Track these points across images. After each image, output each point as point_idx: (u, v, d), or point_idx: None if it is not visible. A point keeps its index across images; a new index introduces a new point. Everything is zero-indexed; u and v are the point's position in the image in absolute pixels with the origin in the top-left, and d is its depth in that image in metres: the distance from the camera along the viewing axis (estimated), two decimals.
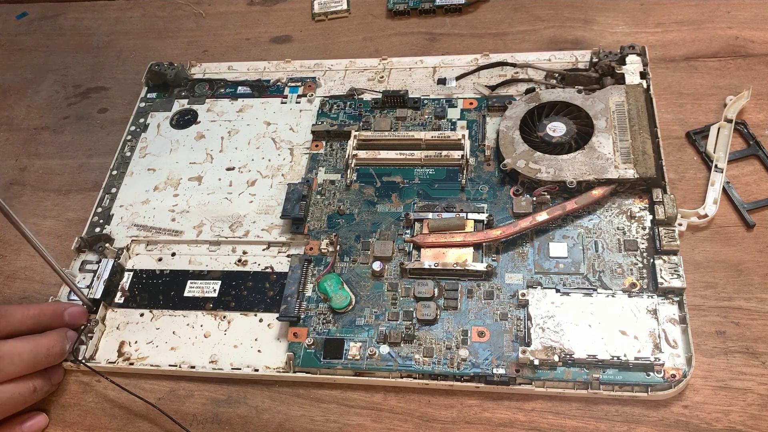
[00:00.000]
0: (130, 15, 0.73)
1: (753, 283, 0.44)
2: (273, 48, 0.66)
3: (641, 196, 0.47)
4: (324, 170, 0.53)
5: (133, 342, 0.48)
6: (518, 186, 0.49)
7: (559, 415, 0.41)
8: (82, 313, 0.47)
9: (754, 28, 0.57)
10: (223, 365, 0.45)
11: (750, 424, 0.39)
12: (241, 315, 0.48)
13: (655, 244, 0.45)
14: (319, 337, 0.45)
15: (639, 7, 0.61)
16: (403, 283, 0.46)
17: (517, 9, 0.64)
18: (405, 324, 0.45)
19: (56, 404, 0.46)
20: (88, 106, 0.65)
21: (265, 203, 0.53)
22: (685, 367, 0.40)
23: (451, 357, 0.43)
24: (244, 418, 0.44)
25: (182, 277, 0.50)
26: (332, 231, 0.50)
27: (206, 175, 0.56)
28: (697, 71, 0.56)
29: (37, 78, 0.69)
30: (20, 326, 0.44)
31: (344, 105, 0.57)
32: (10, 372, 0.42)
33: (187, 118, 0.60)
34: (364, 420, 0.43)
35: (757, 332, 0.42)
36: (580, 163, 0.48)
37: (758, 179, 0.49)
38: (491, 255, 0.47)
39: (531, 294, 0.44)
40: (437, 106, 0.56)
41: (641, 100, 0.50)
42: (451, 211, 0.49)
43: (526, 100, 0.52)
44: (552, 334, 0.42)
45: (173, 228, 0.53)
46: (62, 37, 0.73)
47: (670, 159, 0.50)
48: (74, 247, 0.52)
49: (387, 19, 0.66)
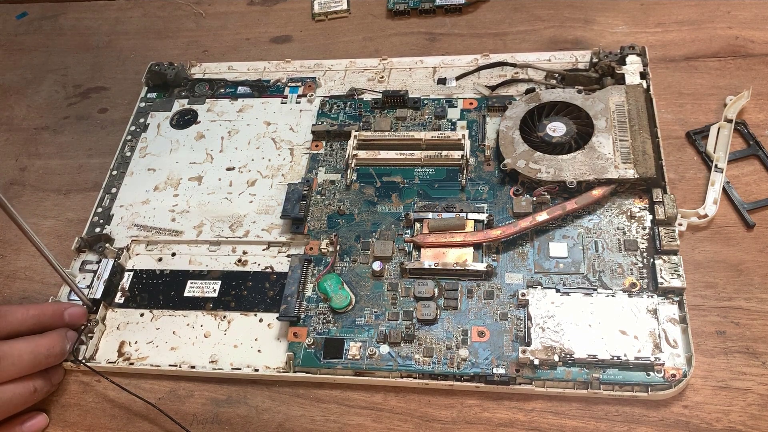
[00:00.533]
0: (130, 15, 0.73)
1: (753, 283, 0.44)
2: (273, 48, 0.66)
3: (641, 196, 0.47)
4: (324, 170, 0.53)
5: (133, 342, 0.48)
6: (518, 186, 0.49)
7: (559, 415, 0.41)
8: (82, 313, 0.47)
9: (754, 28, 0.57)
10: (223, 365, 0.45)
11: (750, 424, 0.39)
12: (241, 315, 0.48)
13: (655, 244, 0.45)
14: (319, 337, 0.45)
15: (639, 7, 0.61)
16: (403, 283, 0.46)
17: (517, 9, 0.64)
18: (405, 324, 0.45)
19: (56, 404, 0.46)
20: (88, 106, 0.65)
21: (265, 203, 0.53)
22: (685, 367, 0.40)
23: (451, 357, 0.43)
24: (244, 418, 0.44)
25: (182, 277, 0.50)
26: (332, 231, 0.50)
27: (206, 175, 0.56)
28: (697, 71, 0.56)
29: (37, 78, 0.69)
30: (20, 326, 0.44)
31: (344, 105, 0.57)
32: (10, 372, 0.42)
33: (187, 118, 0.60)
34: (364, 420, 0.43)
35: (757, 332, 0.42)
36: (580, 163, 0.48)
37: (758, 179, 0.49)
38: (491, 255, 0.47)
39: (531, 294, 0.44)
40: (437, 106, 0.56)
41: (641, 100, 0.50)
42: (451, 211, 0.49)
43: (526, 100, 0.52)
44: (552, 333, 0.42)
45: (173, 228, 0.53)
46: (62, 37, 0.73)
47: (670, 159, 0.50)
48: (74, 247, 0.52)
49: (387, 19, 0.66)
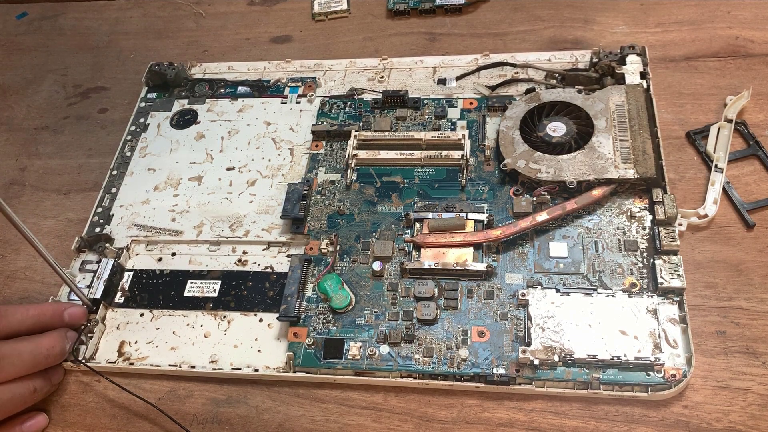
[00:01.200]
0: (130, 15, 0.73)
1: (753, 283, 0.44)
2: (273, 48, 0.66)
3: (641, 196, 0.47)
4: (324, 170, 0.53)
5: (133, 342, 0.48)
6: (518, 186, 0.49)
7: (559, 415, 0.41)
8: (82, 313, 0.47)
9: (754, 28, 0.57)
10: (223, 365, 0.45)
11: (750, 424, 0.39)
12: (241, 315, 0.48)
13: (655, 244, 0.45)
14: (319, 337, 0.45)
15: (639, 7, 0.61)
16: (403, 283, 0.46)
17: (517, 9, 0.64)
18: (405, 324, 0.45)
19: (56, 404, 0.46)
20: (88, 106, 0.65)
21: (265, 203, 0.53)
22: (685, 367, 0.40)
23: (451, 357, 0.43)
24: (244, 418, 0.44)
25: (182, 277, 0.50)
26: (332, 231, 0.50)
27: (206, 175, 0.56)
28: (697, 71, 0.56)
29: (37, 78, 0.69)
30: (20, 326, 0.44)
31: (344, 105, 0.57)
32: (9, 373, 0.42)
33: (187, 118, 0.60)
34: (364, 420, 0.43)
35: (757, 332, 0.42)
36: (580, 163, 0.48)
37: (758, 179, 0.49)
38: (491, 255, 0.47)
39: (531, 294, 0.44)
40: (437, 106, 0.56)
41: (641, 100, 0.50)
42: (451, 211, 0.49)
43: (526, 100, 0.52)
44: (552, 334, 0.42)
45: (173, 228, 0.53)
46: (62, 37, 0.73)
47: (670, 159, 0.50)
48: (74, 247, 0.52)
49: (387, 19, 0.66)
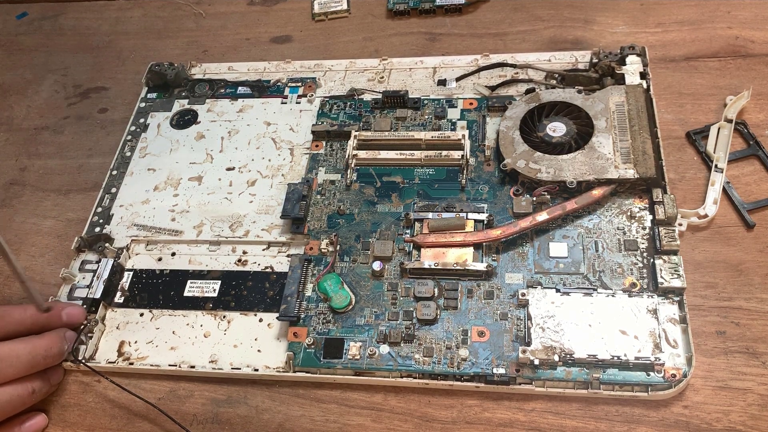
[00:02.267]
0: (130, 15, 0.73)
1: (753, 283, 0.44)
2: (273, 48, 0.66)
3: (641, 196, 0.47)
4: (324, 170, 0.53)
5: (133, 342, 0.48)
6: (518, 186, 0.49)
7: (559, 415, 0.41)
8: (81, 313, 0.47)
9: (754, 28, 0.57)
10: (223, 365, 0.45)
11: (750, 424, 0.39)
12: (241, 315, 0.48)
13: (655, 244, 0.45)
14: (319, 337, 0.45)
15: (639, 7, 0.61)
16: (403, 283, 0.46)
17: (517, 9, 0.64)
18: (405, 324, 0.45)
19: (56, 404, 0.46)
20: (88, 106, 0.65)
21: (265, 203, 0.53)
22: (686, 367, 0.40)
23: (451, 357, 0.43)
24: (244, 418, 0.44)
25: (182, 277, 0.50)
26: (332, 231, 0.50)
27: (206, 175, 0.56)
28: (697, 71, 0.56)
29: (37, 78, 0.69)
30: (18, 327, 0.44)
31: (344, 105, 0.57)
32: (8, 374, 0.42)
33: (187, 118, 0.60)
34: (364, 420, 0.43)
35: (757, 332, 0.42)
36: (580, 163, 0.48)
37: (758, 179, 0.49)
38: (491, 255, 0.47)
39: (531, 294, 0.44)
40: (437, 106, 0.56)
41: (641, 101, 0.50)
42: (451, 211, 0.49)
43: (526, 101, 0.52)
44: (552, 333, 0.42)
45: (173, 228, 0.53)
46: (62, 37, 0.73)
47: (670, 159, 0.50)
48: (74, 247, 0.52)
49: (387, 19, 0.66)
